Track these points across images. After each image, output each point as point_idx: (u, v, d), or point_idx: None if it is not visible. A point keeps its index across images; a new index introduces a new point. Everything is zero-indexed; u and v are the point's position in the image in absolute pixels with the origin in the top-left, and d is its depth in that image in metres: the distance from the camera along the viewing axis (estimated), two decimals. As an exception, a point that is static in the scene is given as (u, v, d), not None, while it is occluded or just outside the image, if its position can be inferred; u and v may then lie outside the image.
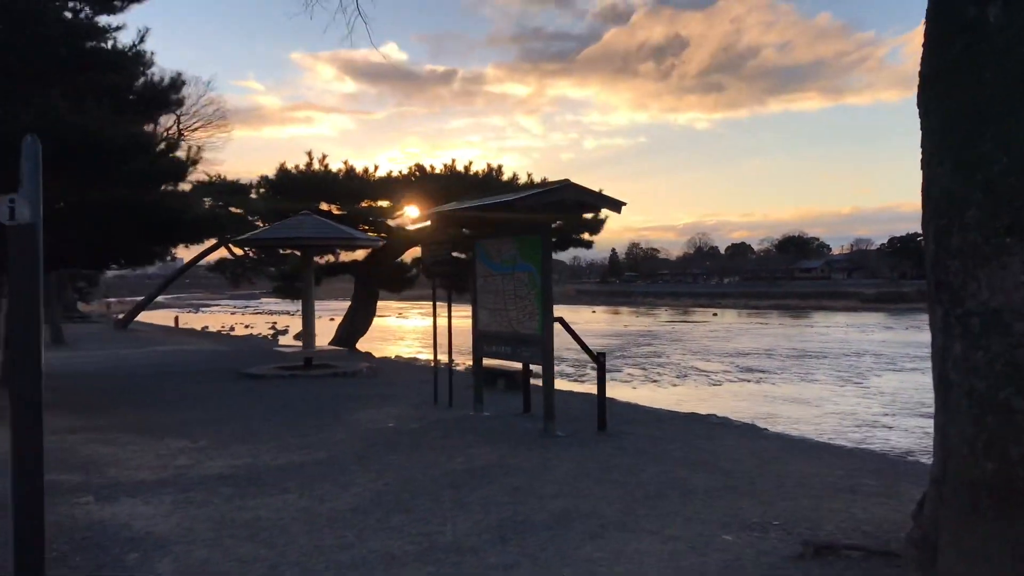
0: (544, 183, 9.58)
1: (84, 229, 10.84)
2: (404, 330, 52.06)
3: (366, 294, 23.95)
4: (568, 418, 11.28)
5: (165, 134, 42.04)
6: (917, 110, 4.84)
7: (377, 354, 27.45)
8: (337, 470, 8.06)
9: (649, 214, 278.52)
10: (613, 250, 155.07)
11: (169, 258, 17.33)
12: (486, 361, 12.07)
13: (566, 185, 9.28)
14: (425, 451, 8.96)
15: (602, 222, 25.14)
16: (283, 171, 21.50)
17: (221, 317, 70.30)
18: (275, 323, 54.76)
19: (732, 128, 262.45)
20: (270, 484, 7.49)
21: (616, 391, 23.36)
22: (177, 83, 12.42)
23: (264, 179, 22.01)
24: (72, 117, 9.87)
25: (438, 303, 12.56)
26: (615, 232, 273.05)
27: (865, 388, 22.75)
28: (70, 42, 10.88)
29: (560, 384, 23.49)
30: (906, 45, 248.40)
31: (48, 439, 10.15)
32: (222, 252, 32.18)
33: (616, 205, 9.75)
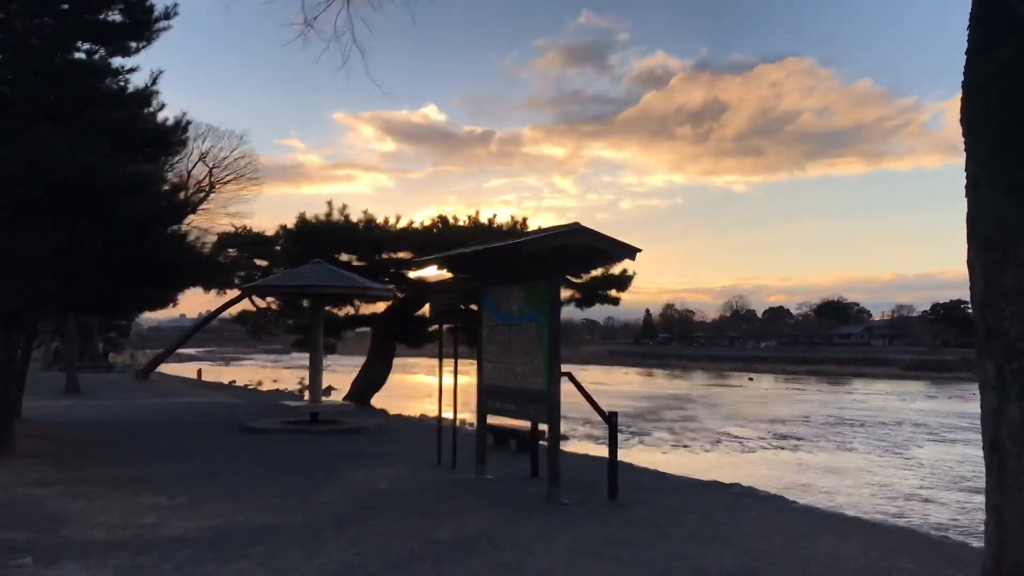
0: (555, 228, 8.91)
1: (75, 272, 10.37)
2: (429, 387, 51.28)
3: (383, 348, 23.29)
4: (578, 484, 10.43)
5: (197, 186, 42.43)
6: (960, 129, 4.06)
7: (393, 411, 26.72)
8: (311, 535, 7.28)
9: (685, 276, 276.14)
10: (647, 311, 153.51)
11: (172, 304, 16.89)
12: (499, 419, 11.31)
13: (576, 229, 8.60)
14: (413, 517, 8.15)
15: (629, 278, 24.31)
16: (302, 221, 21.11)
17: (250, 371, 69.94)
18: (303, 378, 54.12)
19: (770, 192, 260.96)
20: (232, 550, 6.73)
21: (643, 456, 22.56)
22: (182, 124, 12.06)
23: (284, 229, 21.67)
24: (64, 154, 9.47)
25: (452, 357, 11.84)
26: (650, 293, 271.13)
27: (905, 459, 21.79)
28: (71, 79, 10.57)
29: (580, 447, 22.88)
30: (948, 111, 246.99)
31: (15, 492, 9.61)
32: (246, 304, 31.88)
33: (630, 252, 9.03)
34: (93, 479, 10.15)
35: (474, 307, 13.57)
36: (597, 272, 24.12)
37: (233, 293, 29.13)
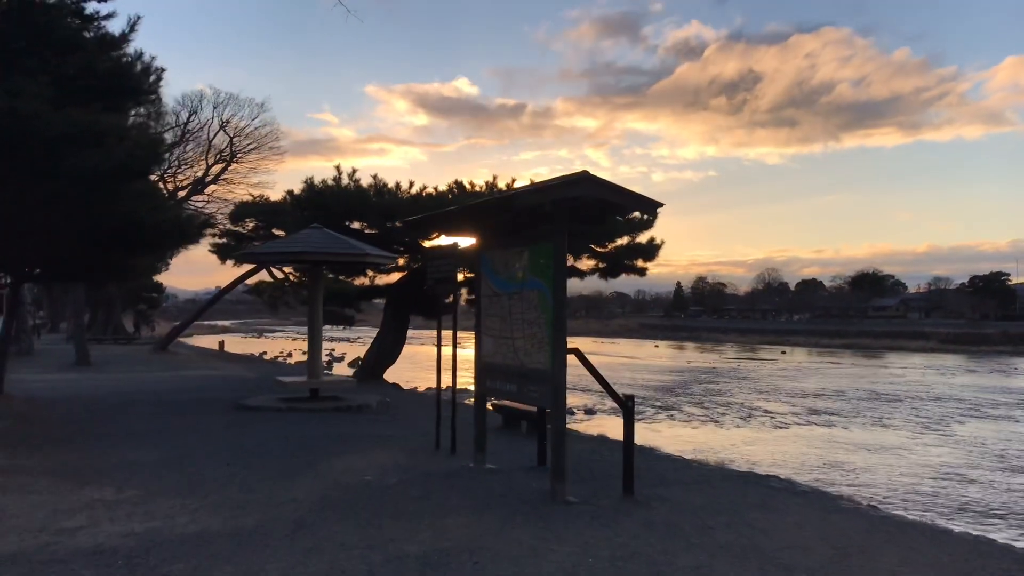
0: (558, 178, 7.42)
1: (24, 233, 9.11)
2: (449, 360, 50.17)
3: (396, 320, 21.94)
4: (592, 474, 9.01)
5: (218, 155, 41.38)
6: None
7: (409, 384, 25.89)
8: (256, 546, 5.93)
9: (717, 248, 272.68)
10: (678, 283, 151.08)
11: (159, 270, 15.62)
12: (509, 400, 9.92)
13: (580, 178, 7.09)
14: (386, 520, 6.76)
15: (657, 247, 22.69)
16: (310, 186, 19.73)
17: (281, 343, 69.58)
18: (332, 350, 53.45)
19: (805, 163, 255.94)
20: (149, 566, 5.41)
21: (671, 431, 21.57)
22: (151, 70, 10.67)
23: (290, 195, 20.31)
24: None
25: (452, 328, 10.42)
26: (681, 266, 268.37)
27: (948, 436, 20.71)
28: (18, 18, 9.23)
29: (603, 424, 21.51)
30: (989, 80, 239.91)
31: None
32: (264, 275, 30.74)
33: (648, 205, 7.51)
34: (41, 467, 8.90)
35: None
36: (622, 240, 22.61)
37: (250, 265, 27.88)
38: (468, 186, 20.95)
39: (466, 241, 9.71)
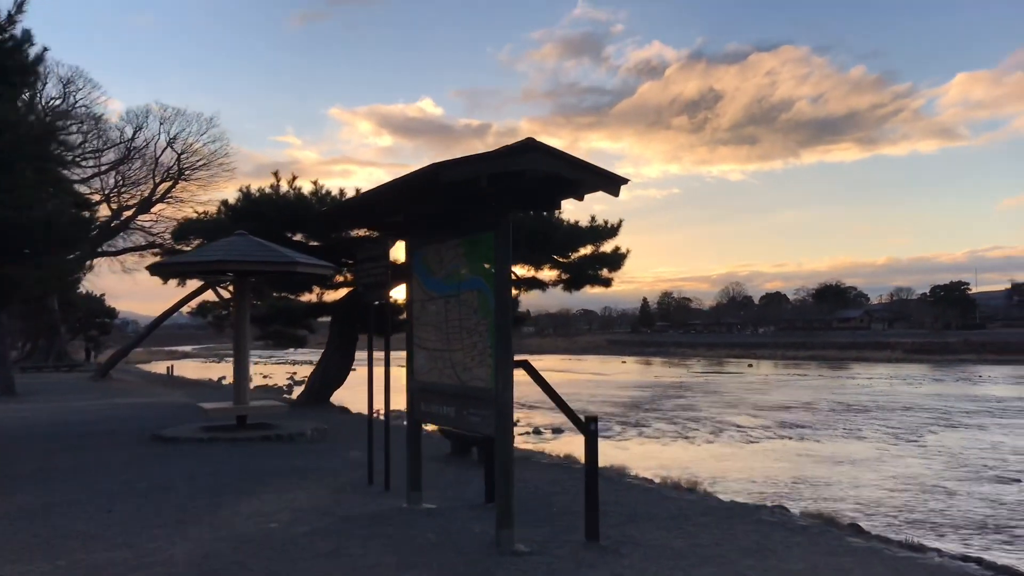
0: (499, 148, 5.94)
1: None
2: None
3: (342, 339, 20.21)
4: (549, 513, 7.46)
5: (165, 173, 39.39)
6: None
7: (358, 408, 23.97)
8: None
9: (682, 265, 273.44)
10: (644, 299, 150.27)
11: (42, 291, 13.85)
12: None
13: (529, 146, 5.59)
14: (275, 590, 5.16)
15: (623, 256, 21.24)
16: (245, 195, 18.00)
17: None
18: (294, 373, 51.40)
19: (765, 179, 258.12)
20: None
21: (641, 449, 20.36)
22: (23, 49, 9.03)
23: (224, 205, 18.53)
24: None
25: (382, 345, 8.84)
26: (647, 282, 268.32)
27: (923, 447, 20.23)
28: None
29: (569, 444, 20.06)
30: (942, 97, 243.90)
31: None
32: (210, 295, 28.87)
33: (612, 181, 6.02)
34: None
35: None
36: (586, 250, 21.19)
37: (194, 284, 26.02)
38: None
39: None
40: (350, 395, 25.07)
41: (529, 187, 6.00)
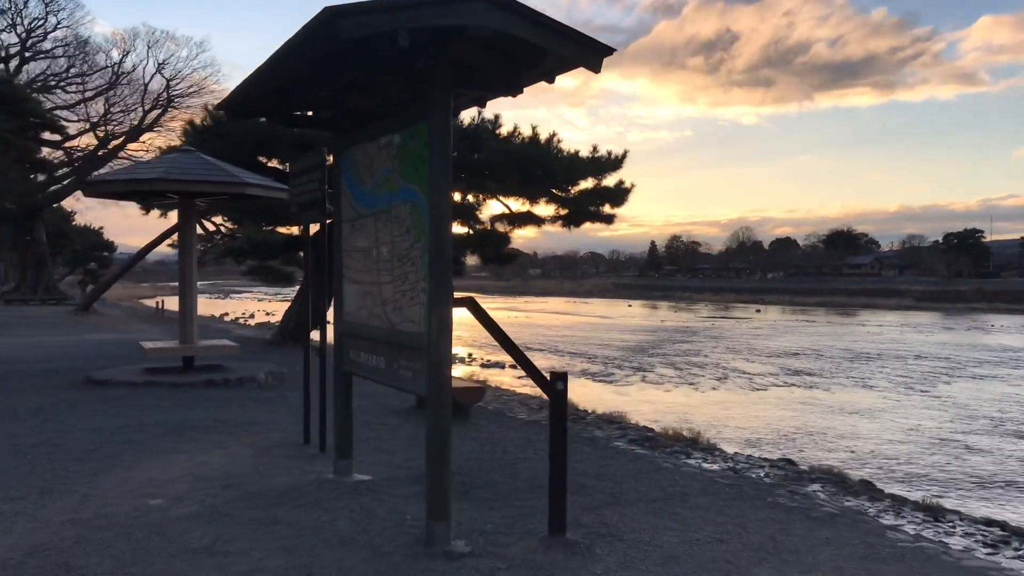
0: None
1: None
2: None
3: (319, 273, 18.51)
4: (510, 488, 5.95)
5: (155, 100, 37.49)
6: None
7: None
8: None
9: (692, 209, 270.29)
10: (652, 243, 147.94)
11: None
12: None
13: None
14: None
15: (626, 191, 19.45)
16: (212, 115, 16.22)
17: (246, 304, 66.02)
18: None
19: (779, 123, 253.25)
20: None
21: (642, 395, 19.22)
22: None
23: (191, 126, 16.70)
24: None
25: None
26: (656, 226, 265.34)
27: (935, 397, 19.02)
28: None
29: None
30: (963, 40, 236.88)
31: None
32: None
33: (589, 51, 4.31)
34: None
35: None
36: (587, 183, 19.37)
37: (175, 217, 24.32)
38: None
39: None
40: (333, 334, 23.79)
41: (477, 58, 4.30)
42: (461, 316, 4.72)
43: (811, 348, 31.78)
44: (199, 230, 26.98)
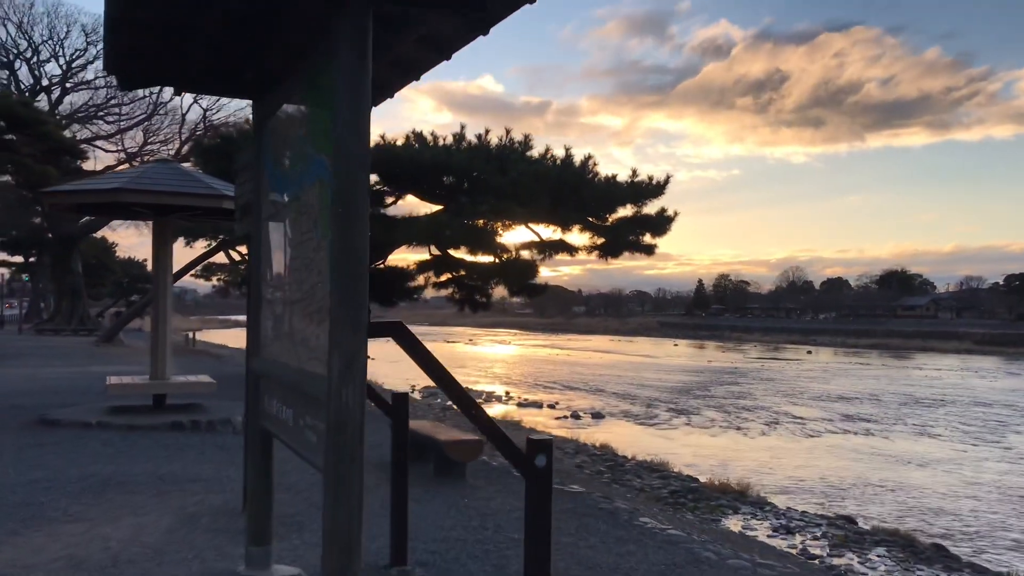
0: None
1: None
2: (460, 358, 45.66)
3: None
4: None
5: (193, 130, 36.97)
6: None
7: (394, 386, 21.96)
8: None
9: (740, 248, 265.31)
10: (699, 281, 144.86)
11: None
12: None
13: None
14: None
15: (669, 219, 17.69)
16: (216, 135, 14.98)
17: None
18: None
19: (830, 163, 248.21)
20: None
21: (687, 439, 17.81)
22: None
23: (197, 147, 15.53)
24: None
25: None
26: (703, 265, 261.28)
27: (1005, 448, 17.66)
28: None
29: (605, 433, 17.62)
30: (1020, 80, 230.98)
31: None
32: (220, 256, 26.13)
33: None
34: None
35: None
36: (626, 211, 17.67)
37: (202, 247, 23.23)
38: (430, 139, 16.11)
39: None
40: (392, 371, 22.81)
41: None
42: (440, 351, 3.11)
43: (866, 392, 30.25)
44: (224, 259, 25.91)
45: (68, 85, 34.98)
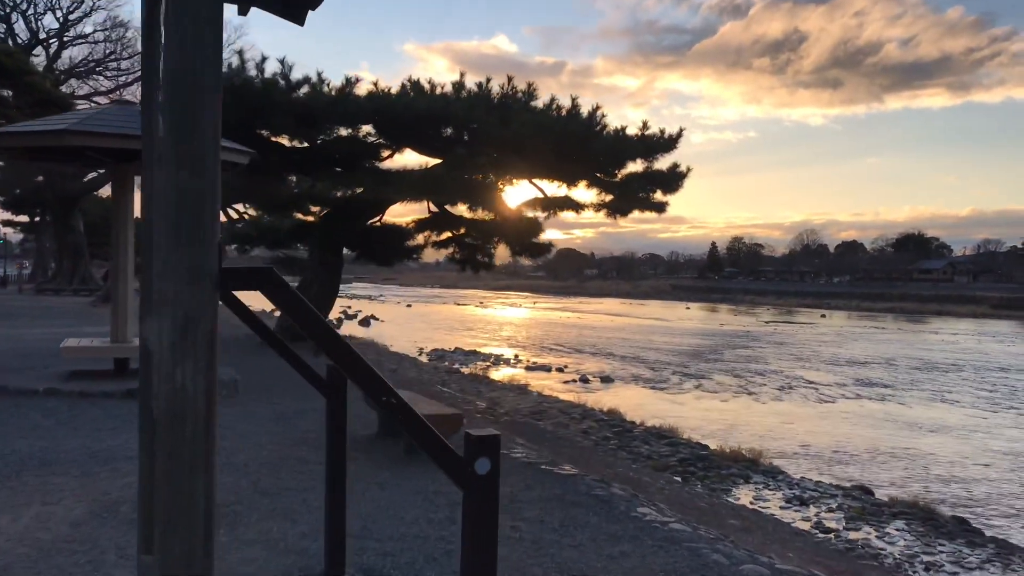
0: None
1: None
2: (469, 320, 44.92)
3: (324, 264, 16.23)
4: None
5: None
6: None
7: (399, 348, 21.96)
8: None
9: (754, 211, 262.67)
10: (713, 244, 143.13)
11: None
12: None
13: None
14: None
15: (682, 175, 16.56)
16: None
17: (343, 300, 64.85)
18: (348, 307, 48.23)
19: (847, 125, 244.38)
20: None
21: (698, 404, 17.18)
22: None
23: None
24: None
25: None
26: (717, 228, 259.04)
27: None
28: None
29: (613, 397, 16.94)
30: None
31: None
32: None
33: None
34: None
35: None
36: (636, 166, 16.57)
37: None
38: (427, 86, 15.01)
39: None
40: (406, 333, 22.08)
41: None
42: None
43: (881, 357, 29.40)
44: (222, 217, 25.03)
45: (66, 39, 33.90)
